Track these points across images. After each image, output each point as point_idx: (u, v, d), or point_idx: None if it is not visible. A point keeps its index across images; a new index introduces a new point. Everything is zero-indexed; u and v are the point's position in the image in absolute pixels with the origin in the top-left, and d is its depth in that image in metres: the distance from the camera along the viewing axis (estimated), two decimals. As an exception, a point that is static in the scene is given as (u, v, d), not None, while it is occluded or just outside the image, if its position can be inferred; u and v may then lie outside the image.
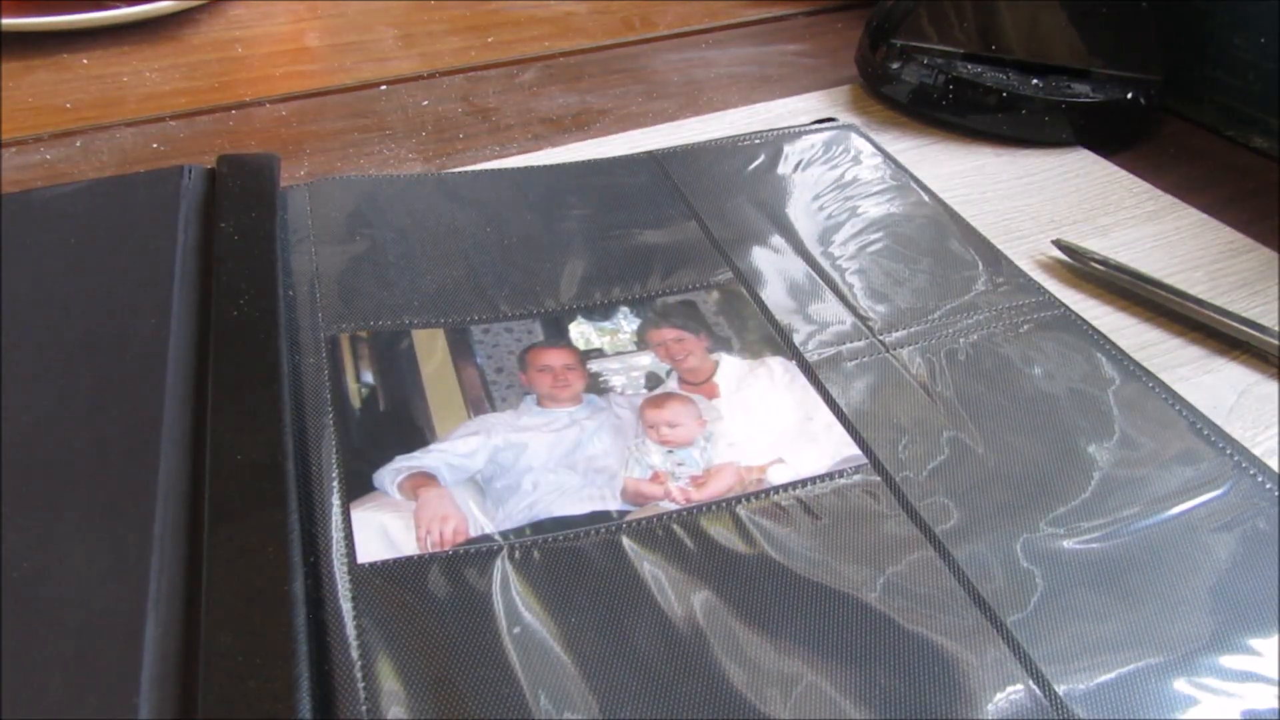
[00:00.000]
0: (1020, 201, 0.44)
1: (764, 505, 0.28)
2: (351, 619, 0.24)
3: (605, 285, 0.36)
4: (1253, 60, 0.49)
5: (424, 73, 0.54)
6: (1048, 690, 0.24)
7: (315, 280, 0.35)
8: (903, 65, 0.50)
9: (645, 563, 0.26)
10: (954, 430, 0.31)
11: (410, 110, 0.50)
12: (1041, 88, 0.48)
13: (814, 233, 0.39)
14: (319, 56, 0.56)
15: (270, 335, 0.31)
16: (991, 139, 0.48)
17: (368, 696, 0.23)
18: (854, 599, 0.26)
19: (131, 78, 0.52)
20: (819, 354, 0.33)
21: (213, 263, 0.34)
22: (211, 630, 0.23)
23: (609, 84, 0.53)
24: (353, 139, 0.47)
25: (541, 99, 0.52)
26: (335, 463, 0.28)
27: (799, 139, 0.45)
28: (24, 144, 0.45)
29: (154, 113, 0.48)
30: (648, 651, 0.24)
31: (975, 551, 0.27)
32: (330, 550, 0.26)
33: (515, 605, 0.25)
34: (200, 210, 0.37)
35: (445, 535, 0.27)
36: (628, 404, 0.31)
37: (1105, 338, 0.34)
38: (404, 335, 0.33)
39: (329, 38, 0.58)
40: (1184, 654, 0.25)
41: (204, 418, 0.29)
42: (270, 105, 0.50)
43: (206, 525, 0.25)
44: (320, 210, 0.39)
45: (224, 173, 0.38)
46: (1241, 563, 0.27)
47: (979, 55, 0.49)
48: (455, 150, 0.46)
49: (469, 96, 0.52)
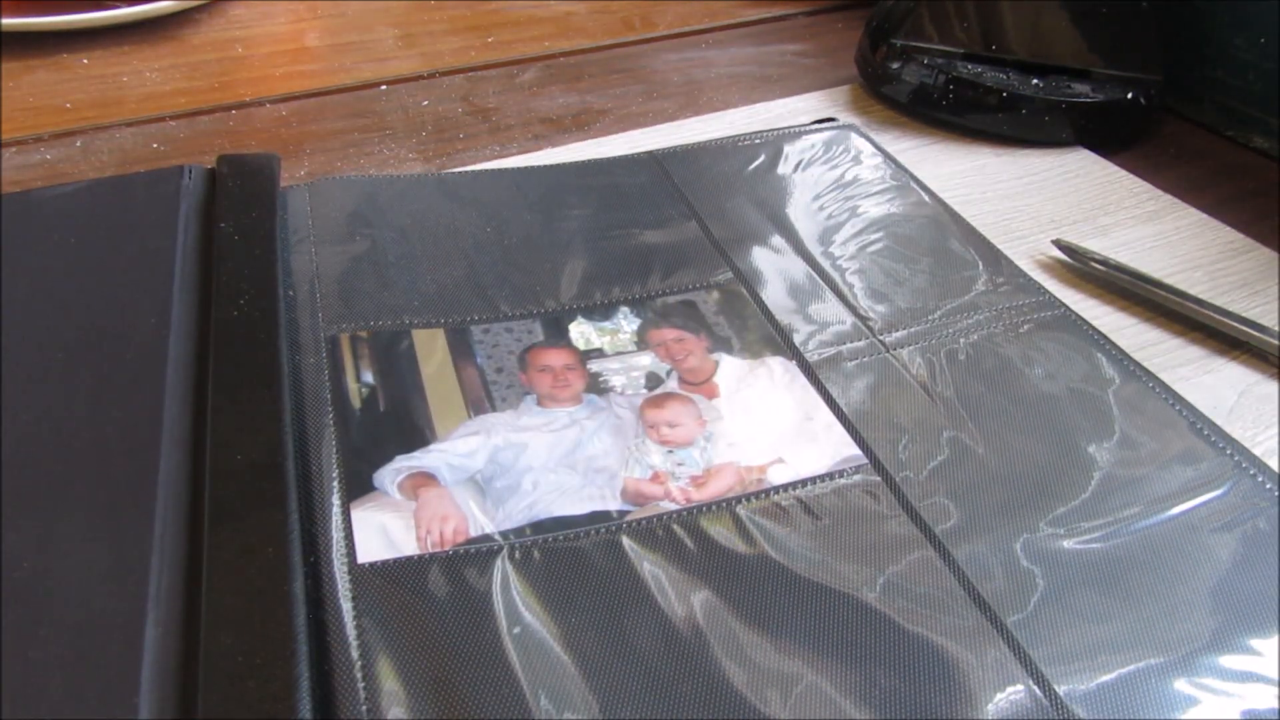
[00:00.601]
0: (1020, 201, 0.44)
1: (764, 505, 0.28)
2: (351, 619, 0.24)
3: (605, 285, 0.36)
4: (1253, 60, 0.49)
5: (424, 73, 0.54)
6: (1048, 690, 0.24)
7: (315, 280, 0.35)
8: (903, 65, 0.50)
9: (645, 563, 0.26)
10: (954, 430, 0.31)
11: (410, 110, 0.50)
12: (1041, 88, 0.48)
13: (814, 233, 0.39)
14: (319, 56, 0.56)
15: (270, 335, 0.31)
16: (991, 139, 0.48)
17: (368, 696, 0.23)
18: (854, 599, 0.25)
19: (131, 78, 0.52)
20: (819, 354, 0.33)
21: (213, 263, 0.34)
22: (211, 630, 0.23)
23: (609, 84, 0.53)
24: (353, 139, 0.47)
25: (541, 99, 0.52)
26: (335, 463, 0.28)
27: (799, 139, 0.45)
28: (24, 144, 0.45)
29: (154, 113, 0.48)
30: (648, 651, 0.24)
31: (975, 551, 0.27)
32: (330, 550, 0.26)
33: (515, 605, 0.25)
34: (200, 210, 0.37)
35: (445, 535, 0.27)
36: (628, 404, 0.31)
37: (1105, 338, 0.34)
38: (404, 335, 0.33)
39: (329, 38, 0.58)
40: (1184, 654, 0.25)
41: (204, 418, 0.29)
42: (270, 105, 0.50)
43: (206, 525, 0.25)
44: (320, 210, 0.38)
45: (224, 173, 0.38)
46: (1241, 563, 0.27)
47: (979, 55, 0.49)
48: (455, 150, 0.46)
49: (469, 96, 0.52)
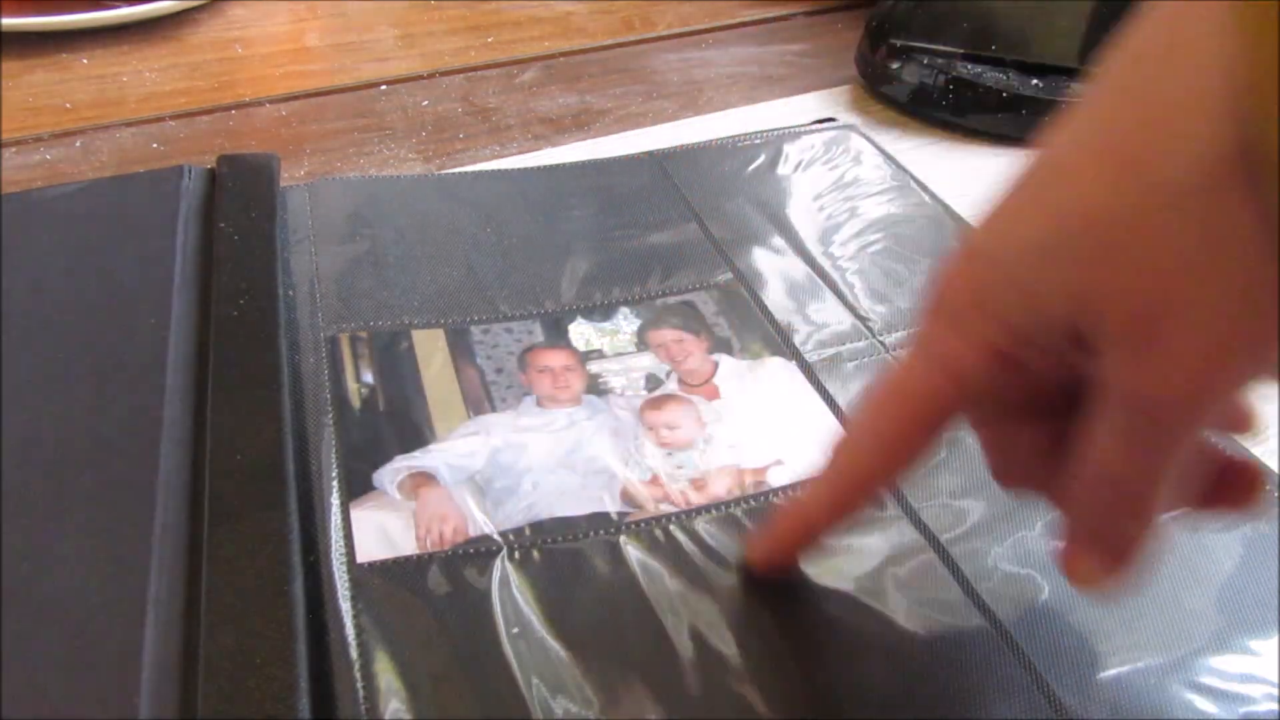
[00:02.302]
0: (1020, 202, 0.44)
1: (763, 507, 0.28)
2: (351, 619, 0.24)
3: (605, 286, 0.36)
4: (1253, 61, 0.48)
5: (424, 73, 0.54)
6: (1048, 692, 0.24)
7: (315, 280, 0.35)
8: (903, 65, 0.50)
9: (644, 565, 0.26)
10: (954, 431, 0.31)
11: (410, 110, 0.50)
12: (1041, 88, 0.48)
13: (814, 233, 0.39)
14: (319, 56, 0.56)
15: (270, 335, 0.31)
16: (991, 139, 0.48)
17: (367, 696, 0.23)
18: (854, 601, 0.25)
19: (131, 78, 0.52)
20: (819, 355, 0.33)
21: (213, 263, 0.34)
22: (211, 630, 0.23)
23: (609, 84, 0.53)
24: (353, 139, 0.47)
25: (541, 99, 0.52)
26: (335, 462, 0.28)
27: (799, 139, 0.45)
28: (24, 144, 0.45)
29: (154, 113, 0.48)
30: (646, 653, 0.24)
31: (976, 554, 0.27)
32: (330, 550, 0.26)
33: (514, 606, 0.25)
34: (200, 210, 0.37)
35: (445, 535, 0.27)
36: (627, 405, 0.31)
37: (1105, 338, 0.34)
38: (404, 335, 0.33)
39: (329, 38, 0.58)
40: (1184, 655, 0.25)
41: (204, 418, 0.29)
42: (270, 105, 0.50)
43: (206, 525, 0.25)
44: (320, 210, 0.39)
45: (224, 173, 0.39)
46: (1242, 564, 0.27)
47: (979, 55, 0.49)
48: (455, 150, 0.46)
49: (469, 96, 0.52)
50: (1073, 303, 0.18)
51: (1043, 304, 0.19)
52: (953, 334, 0.21)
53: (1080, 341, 0.19)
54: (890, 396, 0.22)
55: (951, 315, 0.21)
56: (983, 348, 0.20)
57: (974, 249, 0.21)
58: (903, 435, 0.22)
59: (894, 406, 0.22)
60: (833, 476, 0.24)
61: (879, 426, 0.23)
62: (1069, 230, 0.18)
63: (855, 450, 0.23)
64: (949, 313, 0.21)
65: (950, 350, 0.21)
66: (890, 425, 0.22)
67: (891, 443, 0.22)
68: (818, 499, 0.24)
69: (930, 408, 0.22)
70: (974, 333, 0.20)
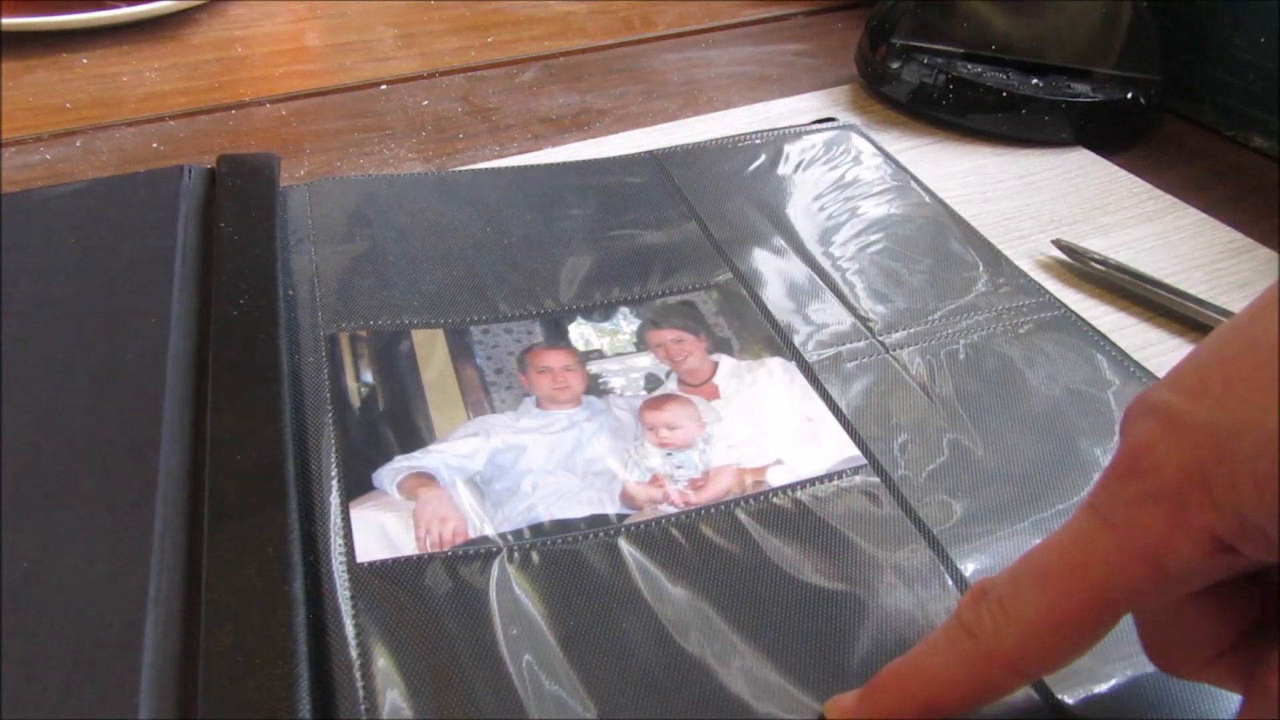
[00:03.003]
0: (1020, 201, 0.44)
1: (763, 507, 0.28)
2: (351, 618, 0.24)
3: (605, 286, 0.36)
4: (1253, 60, 0.49)
5: (424, 73, 0.54)
6: (1044, 692, 0.24)
7: (315, 279, 0.35)
8: (903, 65, 0.50)
9: (644, 566, 0.26)
10: (954, 431, 0.31)
11: (410, 110, 0.50)
12: (1041, 88, 0.48)
13: (814, 233, 0.39)
14: (319, 56, 0.56)
15: (270, 335, 0.31)
16: (991, 139, 0.48)
17: (367, 696, 0.23)
18: (854, 600, 0.26)
19: (131, 78, 0.52)
20: (819, 355, 0.33)
21: (213, 262, 0.34)
22: (211, 630, 0.23)
23: (609, 84, 0.53)
24: (353, 139, 0.47)
25: (541, 99, 0.52)
26: (335, 462, 0.28)
27: (799, 139, 0.45)
28: (24, 144, 0.45)
29: (154, 113, 0.48)
30: (646, 654, 0.24)
31: (975, 553, 0.27)
32: (330, 550, 0.26)
33: (513, 606, 0.25)
34: (200, 210, 0.37)
35: (444, 535, 0.27)
36: (627, 406, 0.31)
37: (1105, 338, 0.34)
38: (404, 335, 0.33)
39: (329, 38, 0.58)
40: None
41: (204, 417, 0.29)
42: (270, 105, 0.50)
43: (206, 524, 0.25)
44: (320, 210, 0.39)
45: (224, 173, 0.39)
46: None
47: (979, 55, 0.49)
48: (455, 150, 0.46)
49: (469, 96, 0.52)
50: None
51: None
52: (1165, 519, 0.18)
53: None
54: (1067, 576, 0.19)
55: (1164, 497, 0.18)
56: (1205, 539, 0.17)
57: (1182, 419, 0.18)
58: (1077, 620, 0.19)
59: (1068, 585, 0.19)
60: (973, 649, 0.20)
61: (1046, 602, 0.19)
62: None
63: (1013, 624, 0.20)
64: (1161, 494, 0.18)
65: (1160, 537, 0.18)
66: (1059, 606, 0.19)
67: (1060, 626, 0.19)
68: (947, 674, 0.21)
69: (1118, 597, 0.19)
70: (1196, 522, 0.17)
